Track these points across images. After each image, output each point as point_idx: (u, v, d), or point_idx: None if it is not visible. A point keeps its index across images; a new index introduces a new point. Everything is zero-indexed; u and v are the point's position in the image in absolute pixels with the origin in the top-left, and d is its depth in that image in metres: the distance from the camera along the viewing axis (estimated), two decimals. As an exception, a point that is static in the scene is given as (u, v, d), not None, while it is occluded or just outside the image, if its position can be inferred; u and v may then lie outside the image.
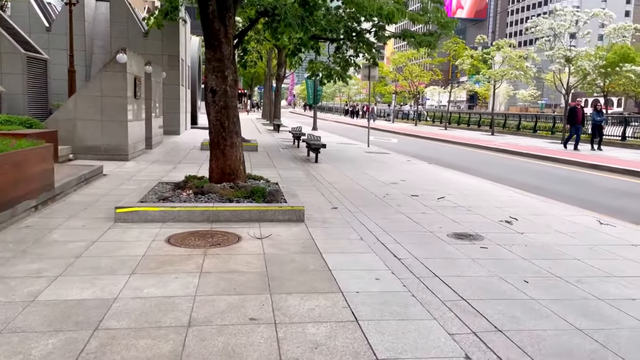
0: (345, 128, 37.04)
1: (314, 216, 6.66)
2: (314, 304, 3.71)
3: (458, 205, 7.97)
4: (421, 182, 10.43)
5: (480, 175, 12.53)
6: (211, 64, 6.79)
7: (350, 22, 16.96)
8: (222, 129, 6.89)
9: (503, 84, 64.39)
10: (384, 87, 58.55)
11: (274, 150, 16.22)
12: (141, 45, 18.38)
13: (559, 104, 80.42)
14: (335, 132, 31.50)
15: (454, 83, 60.01)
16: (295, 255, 4.91)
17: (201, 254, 4.84)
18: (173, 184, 7.13)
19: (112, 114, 11.49)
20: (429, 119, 46.20)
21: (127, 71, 11.45)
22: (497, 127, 32.92)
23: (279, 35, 18.75)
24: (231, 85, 6.88)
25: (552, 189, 10.88)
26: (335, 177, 10.68)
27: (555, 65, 24.27)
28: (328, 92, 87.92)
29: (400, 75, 46.13)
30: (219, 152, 6.95)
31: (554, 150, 19.86)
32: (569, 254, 5.36)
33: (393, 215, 7.04)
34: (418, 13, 16.36)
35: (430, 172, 12.33)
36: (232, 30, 6.88)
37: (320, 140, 14.11)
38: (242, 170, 7.14)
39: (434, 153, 19.35)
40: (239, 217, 6.13)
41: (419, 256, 5.07)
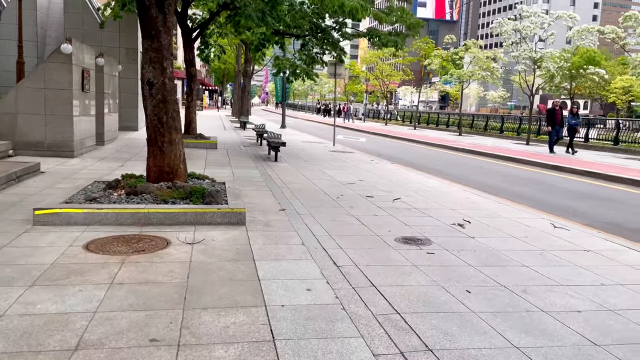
0: (315, 126, 36.69)
1: (258, 219, 6.26)
2: (230, 320, 3.32)
3: (413, 207, 7.69)
4: (380, 182, 10.14)
5: (442, 175, 12.34)
6: (148, 55, 6.32)
7: (315, 19, 16.61)
8: (159, 125, 6.42)
9: (474, 85, 65.09)
10: (356, 86, 58.49)
11: (234, 148, 15.73)
12: (97, 37, 17.59)
13: (528, 105, 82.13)
14: (304, 130, 31.10)
15: (425, 83, 60.33)
16: (225, 263, 4.51)
17: (119, 262, 4.39)
18: (106, 183, 6.62)
19: (57, 108, 10.83)
20: (400, 118, 46.27)
21: (72, 62, 10.80)
22: (465, 127, 33.08)
23: (241, 29, 18.39)
24: (170, 78, 6.42)
25: (511, 190, 10.74)
26: (292, 176, 10.29)
27: (520, 66, 24.41)
28: (300, 89, 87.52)
29: (372, 74, 46.01)
30: (156, 149, 6.48)
31: (517, 151, 19.92)
32: (518, 260, 5.11)
33: (343, 217, 6.70)
34: (384, 12, 16.15)
35: (391, 172, 12.06)
36: (172, 18, 6.41)
37: (280, 138, 13.70)
38: (183, 169, 6.69)
39: (399, 153, 19.16)
40: (173, 219, 5.68)
41: (360, 263, 4.73)
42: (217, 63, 61.27)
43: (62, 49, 10.55)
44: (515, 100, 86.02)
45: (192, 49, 15.35)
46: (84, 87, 11.67)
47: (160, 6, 6.27)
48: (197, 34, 15.79)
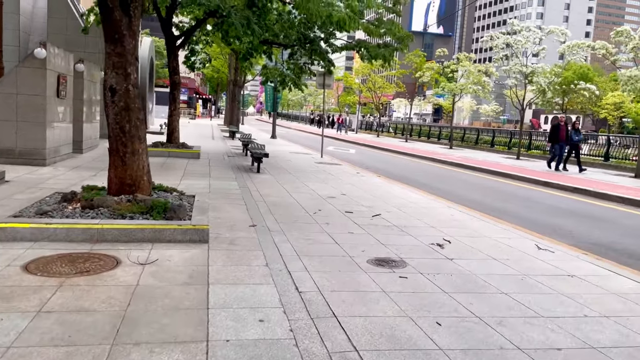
0: (306, 137, 36.37)
1: (223, 236, 5.87)
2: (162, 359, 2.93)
3: (392, 224, 7.33)
4: (363, 196, 9.78)
5: (428, 189, 12.01)
6: (111, 59, 5.95)
7: (303, 29, 16.35)
8: (121, 134, 6.04)
9: (467, 99, 65.17)
10: (349, 97, 58.34)
11: (218, 158, 15.34)
12: (81, 42, 17.24)
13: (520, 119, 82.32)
14: (294, 140, 30.80)
15: (419, 96, 60.35)
16: (175, 288, 4.11)
17: (56, 285, 3.98)
18: (65, 194, 6.21)
19: (29, 114, 10.42)
20: (392, 130, 46.09)
21: (47, 67, 10.42)
22: (457, 140, 32.89)
23: (230, 38, 18.09)
24: (134, 84, 6.05)
25: (497, 206, 10.42)
26: (271, 189, 9.92)
27: (511, 80, 24.26)
28: (294, 100, 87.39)
29: (364, 86, 45.89)
30: (118, 159, 6.09)
31: (507, 166, 19.66)
32: (496, 286, 4.74)
33: (316, 235, 6.32)
34: (373, 24, 15.93)
35: (376, 185, 11.71)
36: (137, 22, 6.06)
37: (264, 148, 13.34)
38: (147, 181, 6.30)
39: (387, 165, 18.85)
40: (129, 237, 5.28)
41: (325, 288, 4.35)
42: (210, 72, 61.06)
43: (36, 54, 10.18)
44: (508, 115, 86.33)
45: (176, 57, 15.02)
46: (59, 94, 11.28)
47: (125, 9, 5.93)
48: (182, 42, 15.48)
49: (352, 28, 14.67)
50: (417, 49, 35.02)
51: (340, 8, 14.94)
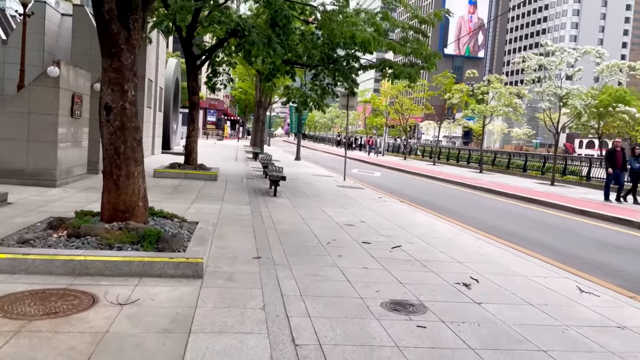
0: (331, 159, 35.87)
1: (222, 269, 5.28)
2: None
3: (413, 257, 6.62)
4: (383, 224, 9.09)
5: (456, 217, 11.22)
6: (107, 75, 5.53)
7: (326, 49, 15.94)
8: (116, 156, 5.57)
9: (497, 122, 63.81)
10: (376, 119, 57.82)
11: (236, 180, 14.90)
12: (105, 63, 17.24)
13: (554, 143, 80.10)
14: (319, 162, 30.33)
15: (449, 118, 59.40)
16: (150, 337, 3.52)
17: (14, 330, 3.44)
18: (51, 220, 5.74)
19: (40, 134, 10.19)
20: (419, 153, 45.21)
21: (60, 86, 10.20)
22: (487, 164, 31.82)
23: (252, 58, 17.82)
24: (131, 102, 5.60)
25: (532, 238, 9.55)
26: (285, 214, 9.33)
27: (545, 102, 23.28)
28: (321, 121, 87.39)
29: (392, 108, 45.32)
30: (111, 183, 5.61)
31: (541, 192, 18.63)
32: (533, 341, 3.99)
33: (326, 270, 5.67)
34: (398, 43, 15.42)
35: (399, 212, 11.00)
36: (138, 35, 5.64)
37: (282, 171, 12.83)
38: (142, 207, 5.79)
39: (413, 189, 18.08)
40: (115, 270, 4.75)
41: (326, 340, 3.69)
42: (238, 93, 61.59)
43: (49, 72, 9.97)
44: (541, 138, 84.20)
45: (195, 77, 14.77)
46: (73, 113, 11.05)
47: (124, 21, 5.52)
48: (202, 62, 15.25)
49: (377, 48, 14.20)
50: (446, 70, 34.34)
51: (365, 28, 14.50)
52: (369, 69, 16.05)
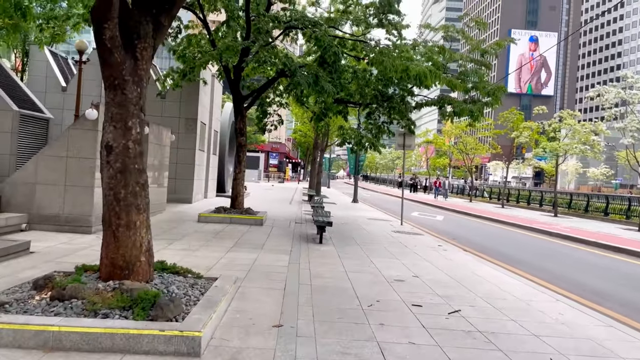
0: (390, 201, 34.45)
1: (229, 344, 4.27)
2: None
3: (475, 328, 5.30)
4: (440, 280, 7.78)
5: (530, 270, 9.66)
6: (110, 111, 4.86)
7: (380, 86, 15.10)
8: (115, 202, 4.82)
9: (571, 161, 59.87)
10: (438, 159, 55.94)
11: (283, 224, 14.02)
12: (158, 107, 17.34)
13: (636, 184, 73.85)
14: (377, 204, 29.10)
15: (518, 158, 56.44)
16: None
17: None
18: (37, 279, 4.98)
19: (77, 178, 9.85)
20: (486, 195, 42.74)
21: (98, 129, 9.88)
22: (562, 207, 29.21)
23: (303, 98, 17.24)
24: (136, 141, 4.87)
25: (628, 299, 7.85)
26: (327, 266, 8.24)
27: (627, 139, 21.00)
28: (382, 162, 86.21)
29: (455, 147, 43.52)
30: (109, 235, 4.84)
31: (629, 240, 16.35)
32: None
33: (360, 346, 4.51)
34: (458, 78, 14.35)
35: (461, 264, 9.60)
36: (146, 66, 4.97)
37: (329, 216, 11.81)
38: (146, 261, 4.94)
39: (478, 236, 16.43)
40: (94, 344, 3.86)
41: None
42: (299, 136, 62.15)
43: (87, 115, 9.70)
44: (621, 179, 78.10)
45: (243, 117, 14.29)
46: (114, 156, 10.69)
47: (130, 49, 4.87)
48: (250, 103, 14.83)
49: (433, 82, 13.16)
50: (513, 107, 32.49)
51: (420, 62, 13.53)
52: (426, 106, 14.95)
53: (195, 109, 17.58)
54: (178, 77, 15.05)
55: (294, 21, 13.48)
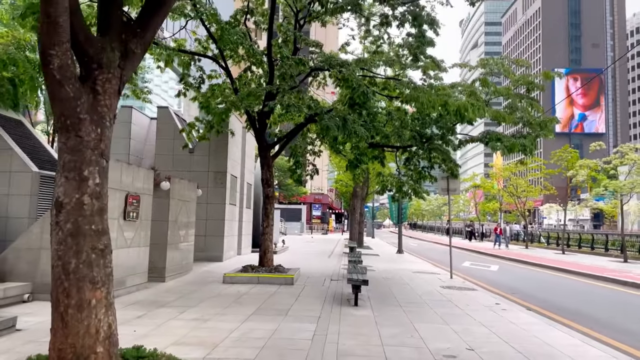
0: (438, 250, 32.36)
1: None
2: None
3: None
4: (503, 354, 6.19)
5: (614, 333, 7.84)
6: (61, 158, 3.86)
7: (417, 125, 13.91)
8: (64, 275, 3.74)
9: (632, 200, 55.72)
10: (488, 203, 53.28)
11: (317, 283, 12.64)
12: (187, 161, 16.73)
13: None
14: (424, 255, 27.23)
15: (573, 200, 52.99)
16: None
17: None
18: None
19: (84, 240, 8.95)
20: (543, 240, 39.74)
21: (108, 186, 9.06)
22: (631, 251, 26.35)
23: (339, 146, 16.19)
24: (94, 194, 3.84)
25: None
26: (359, 337, 6.81)
27: None
28: (427, 209, 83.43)
29: (505, 191, 41.17)
30: (57, 318, 3.74)
31: None
32: None
33: None
34: (504, 111, 13.05)
35: (525, 329, 7.91)
36: (111, 101, 4.00)
37: (365, 273, 10.38)
38: (106, 353, 3.76)
39: (542, 289, 14.44)
40: None
41: None
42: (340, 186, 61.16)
43: (93, 171, 8.90)
44: (692, 217, 72.13)
45: (269, 167, 13.31)
46: (127, 215, 9.85)
47: (89, 81, 3.92)
48: (277, 151, 13.92)
49: (476, 116, 11.88)
50: (566, 145, 30.40)
51: (460, 98, 12.31)
52: (472, 142, 13.57)
53: (225, 162, 16.85)
54: (205, 129, 14.41)
55: (319, 63, 12.67)
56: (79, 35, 3.94)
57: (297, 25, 13.94)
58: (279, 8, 14.82)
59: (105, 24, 4.17)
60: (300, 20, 13.90)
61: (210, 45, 13.47)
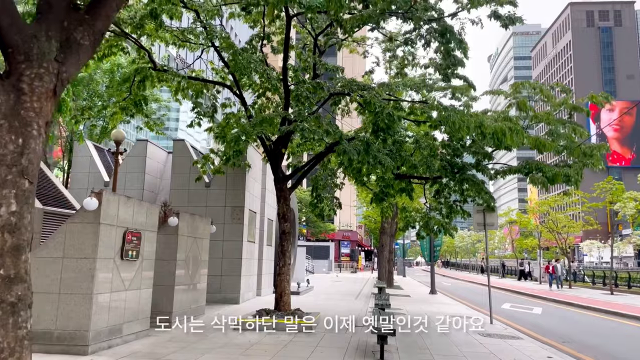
0: (474, 290, 30.34)
1: None
2: None
3: None
4: None
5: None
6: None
7: (448, 152, 12.72)
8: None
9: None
10: (525, 240, 50.68)
11: (341, 329, 11.24)
12: (203, 196, 15.86)
13: None
14: (459, 295, 25.41)
15: (615, 235, 49.93)
16: None
17: None
18: None
19: (74, 284, 8.01)
20: (587, 279, 37.05)
21: (101, 222, 8.16)
22: (691, 291, 23.89)
23: (364, 177, 15.04)
24: (7, 227, 2.83)
25: None
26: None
27: None
28: (461, 245, 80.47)
29: (543, 226, 38.92)
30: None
31: None
32: None
33: None
34: (544, 139, 11.81)
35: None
36: (41, 104, 3.03)
37: (393, 319, 9.01)
38: None
39: (598, 337, 12.68)
40: None
41: None
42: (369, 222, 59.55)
43: (85, 205, 8.03)
44: None
45: (285, 200, 12.23)
46: (125, 254, 8.86)
47: (11, 76, 2.94)
48: (294, 183, 12.88)
49: (515, 143, 10.65)
50: (610, 177, 28.44)
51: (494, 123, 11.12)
52: (510, 173, 12.26)
53: (242, 196, 15.89)
54: (221, 162, 13.55)
55: (339, 88, 11.73)
56: (1, 17, 3.01)
57: (317, 50, 13.14)
58: (293, 32, 14.11)
59: (44, 6, 3.24)
60: (319, 45, 13.09)
61: (227, 75, 12.79)
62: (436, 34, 9.92)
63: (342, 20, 10.61)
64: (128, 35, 11.73)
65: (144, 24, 11.44)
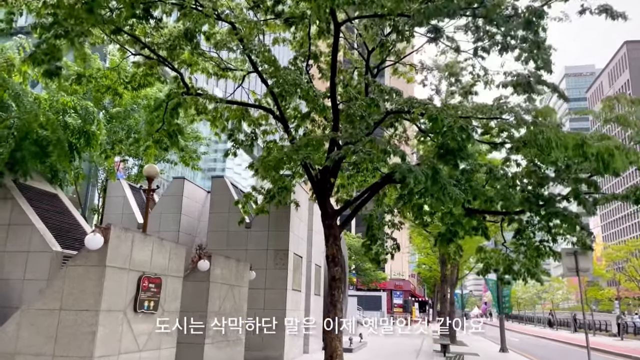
0: (549, 347, 26.74)
1: None
2: None
3: None
4: None
5: None
6: None
7: (533, 180, 10.54)
8: None
9: None
10: (599, 291, 45.94)
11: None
12: (243, 238, 14.21)
13: None
14: (534, 353, 22.24)
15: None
16: None
17: None
18: None
19: (72, 343, 6.36)
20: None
21: (107, 264, 6.56)
22: None
23: (425, 216, 13.11)
24: None
25: None
26: None
27: None
28: (524, 297, 74.48)
29: (622, 274, 34.84)
30: None
31: None
32: None
33: None
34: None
35: None
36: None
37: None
38: None
39: None
40: None
41: None
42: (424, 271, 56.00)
43: (87, 243, 6.45)
44: None
45: (336, 240, 10.31)
46: (140, 305, 7.17)
47: None
48: (345, 220, 11.04)
49: (624, 166, 8.50)
50: None
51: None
52: (613, 199, 9.96)
53: (287, 238, 14.11)
54: (264, 200, 11.90)
55: (397, 106, 9.97)
56: None
57: (368, 70, 11.54)
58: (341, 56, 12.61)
59: None
60: (372, 67, 11.50)
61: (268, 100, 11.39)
62: (519, 26, 8.09)
63: (398, 24, 9.00)
64: (164, 60, 10.57)
65: (179, 45, 10.23)
